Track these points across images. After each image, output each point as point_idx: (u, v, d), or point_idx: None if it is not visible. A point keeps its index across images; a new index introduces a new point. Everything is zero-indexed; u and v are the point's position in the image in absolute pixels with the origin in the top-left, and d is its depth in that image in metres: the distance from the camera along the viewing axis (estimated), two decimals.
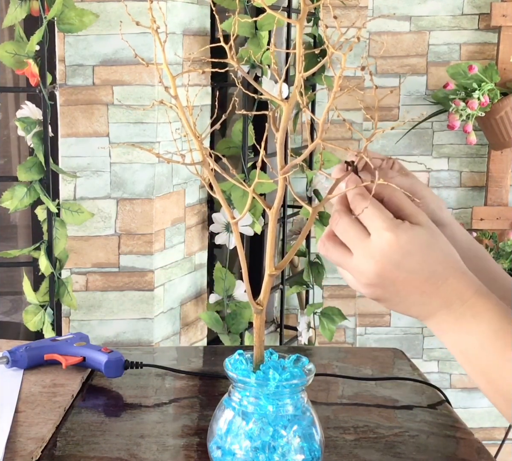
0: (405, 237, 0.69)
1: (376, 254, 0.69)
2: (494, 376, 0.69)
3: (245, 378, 0.71)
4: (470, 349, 0.70)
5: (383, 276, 0.70)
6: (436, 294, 0.70)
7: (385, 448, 0.84)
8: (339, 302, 2.70)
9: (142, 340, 2.05)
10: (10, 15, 1.77)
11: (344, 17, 2.56)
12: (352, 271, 0.72)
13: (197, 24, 2.10)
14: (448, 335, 0.71)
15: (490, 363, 0.69)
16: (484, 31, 2.68)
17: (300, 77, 0.66)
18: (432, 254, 0.70)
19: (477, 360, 0.70)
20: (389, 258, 0.69)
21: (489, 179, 2.73)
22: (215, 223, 2.19)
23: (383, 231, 0.69)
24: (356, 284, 0.73)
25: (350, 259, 0.71)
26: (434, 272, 0.70)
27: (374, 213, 0.70)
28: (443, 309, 0.70)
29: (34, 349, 1.02)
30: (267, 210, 0.71)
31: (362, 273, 0.71)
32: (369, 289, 0.72)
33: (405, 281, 0.70)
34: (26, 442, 0.81)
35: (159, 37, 0.68)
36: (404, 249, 0.69)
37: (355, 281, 0.73)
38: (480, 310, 0.70)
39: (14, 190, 1.83)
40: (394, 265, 0.69)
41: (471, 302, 0.70)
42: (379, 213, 0.70)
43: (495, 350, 0.68)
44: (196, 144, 0.70)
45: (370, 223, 0.70)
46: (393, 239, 0.69)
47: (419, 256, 0.69)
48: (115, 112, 1.97)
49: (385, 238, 0.69)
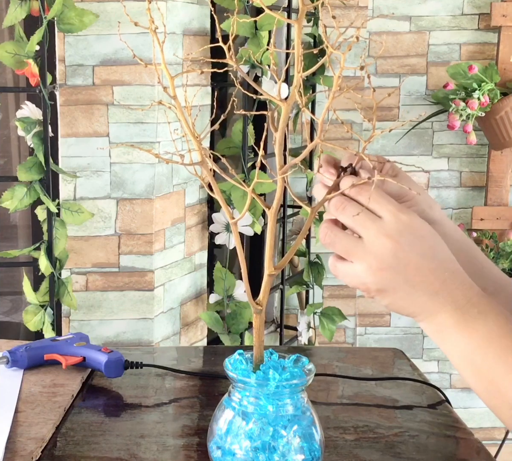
0: (418, 221, 0.69)
1: (392, 233, 0.68)
2: (500, 376, 0.68)
3: (245, 378, 0.71)
4: (476, 347, 0.69)
5: (399, 257, 0.68)
6: (442, 287, 0.69)
7: (385, 448, 0.84)
8: (339, 302, 2.70)
9: (142, 340, 2.05)
10: (10, 15, 1.77)
11: (344, 17, 2.56)
12: (364, 255, 0.69)
13: (197, 24, 2.10)
14: (450, 334, 0.70)
15: (496, 361, 0.68)
16: (484, 31, 2.68)
17: (299, 77, 0.66)
18: (440, 245, 0.70)
19: (482, 359, 0.69)
20: (406, 237, 0.68)
21: (489, 179, 2.73)
22: (215, 223, 2.19)
23: (398, 212, 0.68)
24: (366, 273, 0.70)
25: (362, 243, 0.69)
26: (442, 263, 0.69)
27: (383, 196, 0.69)
28: (448, 305, 0.69)
29: (34, 349, 1.02)
30: (266, 210, 0.71)
31: (377, 255, 0.68)
32: (380, 275, 0.69)
33: (417, 266, 0.68)
34: (26, 442, 0.81)
35: (158, 38, 0.68)
36: (419, 232, 0.68)
37: (363, 269, 0.69)
38: (485, 308, 0.69)
39: (14, 190, 1.83)
40: (410, 245, 0.68)
41: (476, 300, 0.69)
42: (388, 198, 0.69)
43: (502, 348, 0.68)
44: (195, 144, 0.70)
45: (380, 207, 0.69)
46: (408, 220, 0.68)
47: (432, 242, 0.69)
48: (115, 112, 1.97)
49: (400, 218, 0.68)
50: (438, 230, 0.73)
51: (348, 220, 0.70)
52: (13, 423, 0.85)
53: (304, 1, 0.64)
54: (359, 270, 0.70)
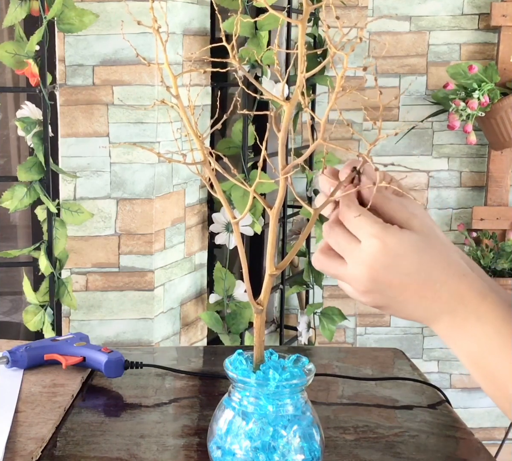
0: (393, 240, 0.69)
1: (366, 259, 0.69)
2: (502, 380, 0.68)
3: (245, 378, 0.71)
4: (477, 352, 0.69)
5: (377, 281, 0.69)
6: (436, 298, 0.69)
7: (385, 448, 0.84)
8: (339, 302, 2.70)
9: (142, 340, 2.05)
10: (10, 15, 1.77)
11: (344, 17, 2.56)
12: (348, 280, 0.71)
13: (197, 24, 2.10)
14: (453, 339, 0.70)
15: (498, 366, 0.68)
16: (484, 31, 2.68)
17: (302, 77, 0.66)
18: (425, 257, 0.69)
19: (484, 363, 0.69)
20: (380, 261, 0.69)
21: (489, 179, 2.73)
22: (215, 223, 2.19)
23: (371, 237, 0.69)
24: (355, 294, 0.72)
25: (345, 269, 0.71)
26: (431, 275, 0.69)
27: (361, 220, 0.70)
28: (445, 314, 0.69)
29: (34, 349, 1.02)
30: (268, 210, 0.71)
31: (357, 281, 0.70)
32: (367, 296, 0.71)
33: (401, 284, 0.69)
34: (26, 442, 0.81)
35: (161, 37, 0.68)
36: (394, 252, 0.68)
37: (352, 292, 0.72)
38: (484, 313, 0.69)
39: (14, 190, 1.83)
40: (386, 268, 0.69)
41: (474, 305, 0.69)
42: (366, 220, 0.69)
43: (501, 352, 0.68)
44: (197, 144, 0.70)
45: (358, 231, 0.70)
46: (381, 242, 0.68)
47: (412, 258, 0.69)
48: (115, 112, 1.97)
49: (373, 242, 0.69)
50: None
51: (334, 245, 0.72)
52: (13, 423, 0.85)
53: (308, 1, 0.64)
54: (350, 292, 0.73)
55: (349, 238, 0.71)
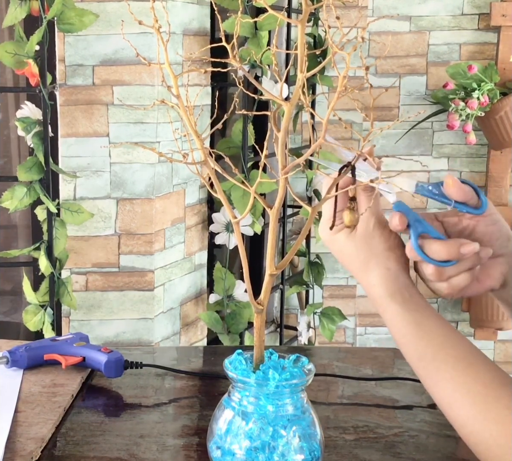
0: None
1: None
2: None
3: (245, 378, 0.71)
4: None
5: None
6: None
7: (385, 448, 0.84)
8: (339, 302, 2.70)
9: (142, 340, 2.05)
10: (10, 15, 1.77)
11: (344, 17, 2.56)
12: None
13: (197, 24, 2.10)
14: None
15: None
16: (484, 31, 2.68)
17: (303, 77, 0.66)
18: (344, 258, 0.82)
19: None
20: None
21: (489, 179, 2.73)
22: (215, 223, 2.19)
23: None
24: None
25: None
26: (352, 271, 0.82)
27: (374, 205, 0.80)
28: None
29: (34, 349, 1.02)
30: (268, 210, 0.71)
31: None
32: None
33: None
34: (26, 442, 0.81)
35: (162, 37, 0.68)
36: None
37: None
38: (389, 316, 0.81)
39: (14, 190, 1.83)
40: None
41: (384, 307, 0.81)
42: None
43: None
44: (198, 144, 0.70)
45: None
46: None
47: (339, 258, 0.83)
48: (115, 112, 1.97)
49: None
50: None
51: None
52: (13, 423, 0.85)
53: (307, 1, 0.64)
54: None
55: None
